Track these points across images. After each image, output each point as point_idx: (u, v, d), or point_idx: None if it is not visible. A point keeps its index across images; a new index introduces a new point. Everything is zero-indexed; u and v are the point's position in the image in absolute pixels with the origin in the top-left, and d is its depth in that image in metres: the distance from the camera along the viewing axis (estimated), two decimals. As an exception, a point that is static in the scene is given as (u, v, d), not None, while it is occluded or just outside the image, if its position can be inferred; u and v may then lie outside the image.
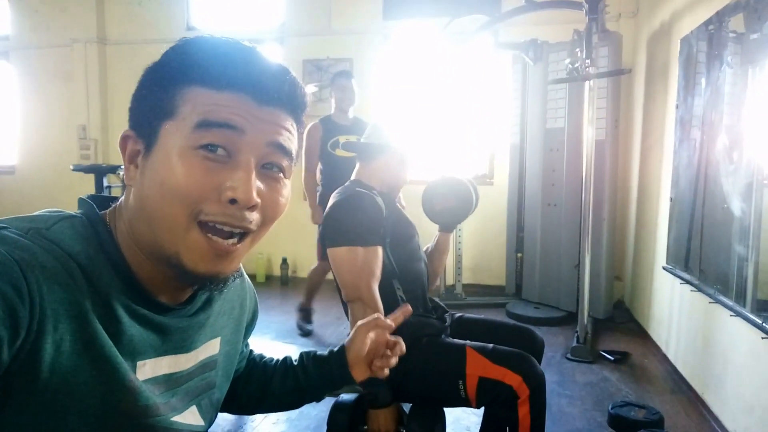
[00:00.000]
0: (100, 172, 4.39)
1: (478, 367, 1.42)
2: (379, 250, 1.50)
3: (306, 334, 3.41)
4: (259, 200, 0.57)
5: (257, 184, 0.57)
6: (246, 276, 0.82)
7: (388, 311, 1.46)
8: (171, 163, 0.55)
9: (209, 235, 0.56)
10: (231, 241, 0.58)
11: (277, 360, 0.91)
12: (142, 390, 0.56)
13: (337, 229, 1.51)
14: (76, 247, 0.54)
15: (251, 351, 0.91)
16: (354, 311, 1.47)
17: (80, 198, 0.62)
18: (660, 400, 2.49)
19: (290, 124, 0.61)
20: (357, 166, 1.70)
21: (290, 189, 0.63)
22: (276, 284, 4.79)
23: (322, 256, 3.09)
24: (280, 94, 0.58)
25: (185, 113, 0.55)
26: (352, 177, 1.69)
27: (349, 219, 1.50)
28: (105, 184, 4.38)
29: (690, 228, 2.60)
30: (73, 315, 0.51)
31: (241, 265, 0.81)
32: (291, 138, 0.61)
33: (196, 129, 0.55)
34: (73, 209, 0.61)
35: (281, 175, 0.61)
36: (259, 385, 0.88)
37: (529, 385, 1.38)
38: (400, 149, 1.65)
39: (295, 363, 0.89)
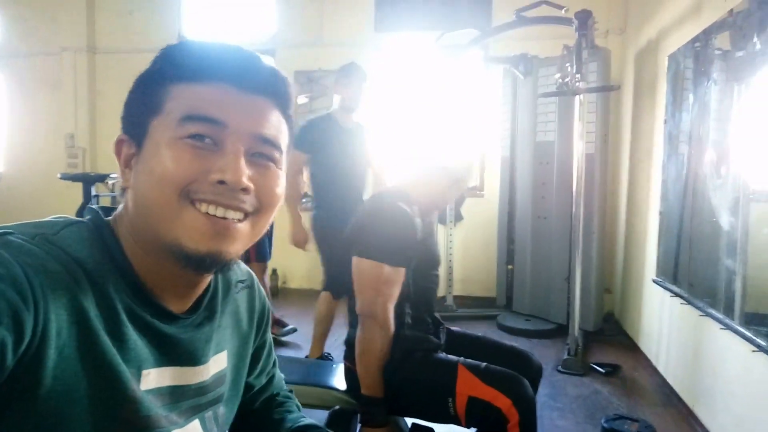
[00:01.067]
0: (87, 180, 4.35)
1: (468, 386, 1.41)
2: (403, 271, 1.49)
3: (290, 332, 3.42)
4: (250, 184, 0.57)
5: (248, 171, 0.57)
6: (259, 288, 0.81)
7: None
8: (159, 153, 0.56)
9: (207, 213, 0.56)
10: (229, 219, 0.57)
11: (285, 426, 0.83)
12: (143, 400, 0.56)
13: (368, 240, 1.49)
14: (82, 252, 0.55)
15: (279, 394, 0.88)
16: (365, 326, 1.46)
17: (88, 206, 0.63)
18: (651, 413, 2.50)
19: (276, 116, 0.61)
20: (407, 172, 1.68)
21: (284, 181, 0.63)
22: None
23: None
24: (261, 81, 0.59)
25: (170, 108, 0.57)
26: (397, 182, 1.67)
27: (383, 234, 1.48)
28: (93, 193, 4.33)
29: (679, 241, 2.64)
30: (76, 321, 0.50)
31: (254, 276, 0.81)
32: (277, 129, 0.61)
33: (181, 122, 0.56)
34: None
35: (272, 164, 0.61)
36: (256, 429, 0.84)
37: (519, 409, 1.37)
38: (457, 174, 1.64)
39: None
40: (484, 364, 1.47)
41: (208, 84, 0.57)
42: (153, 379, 0.58)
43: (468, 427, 1.46)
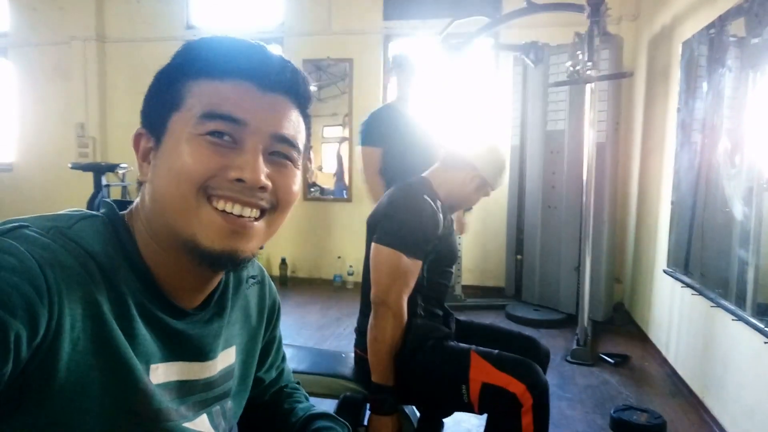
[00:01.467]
0: (98, 170, 4.38)
1: (481, 373, 1.41)
2: (420, 264, 1.49)
3: None
4: (268, 182, 0.57)
5: (266, 169, 0.58)
6: (270, 284, 0.81)
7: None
8: (179, 148, 0.56)
9: (224, 211, 0.56)
10: (246, 217, 0.58)
11: (297, 414, 0.84)
12: (154, 393, 0.56)
13: (389, 228, 1.49)
14: (96, 246, 0.55)
15: (287, 386, 0.88)
16: (378, 314, 1.46)
17: (103, 200, 0.63)
18: (660, 403, 2.50)
19: (295, 115, 0.61)
20: (436, 164, 1.67)
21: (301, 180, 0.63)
22: (275, 284, 4.78)
23: None
24: (282, 80, 0.59)
25: (191, 104, 0.57)
26: (425, 173, 1.66)
27: (404, 224, 1.48)
28: (103, 182, 4.36)
29: (691, 231, 2.61)
30: (90, 314, 0.51)
31: (266, 272, 0.81)
32: (296, 129, 0.61)
33: (201, 119, 0.56)
34: (70, 208, 0.61)
35: (289, 163, 0.61)
36: (262, 422, 0.84)
37: (533, 394, 1.37)
38: (487, 177, 1.61)
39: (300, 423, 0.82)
40: (496, 351, 1.47)
41: (230, 81, 0.57)
42: (161, 373, 0.58)
43: (481, 413, 1.46)
